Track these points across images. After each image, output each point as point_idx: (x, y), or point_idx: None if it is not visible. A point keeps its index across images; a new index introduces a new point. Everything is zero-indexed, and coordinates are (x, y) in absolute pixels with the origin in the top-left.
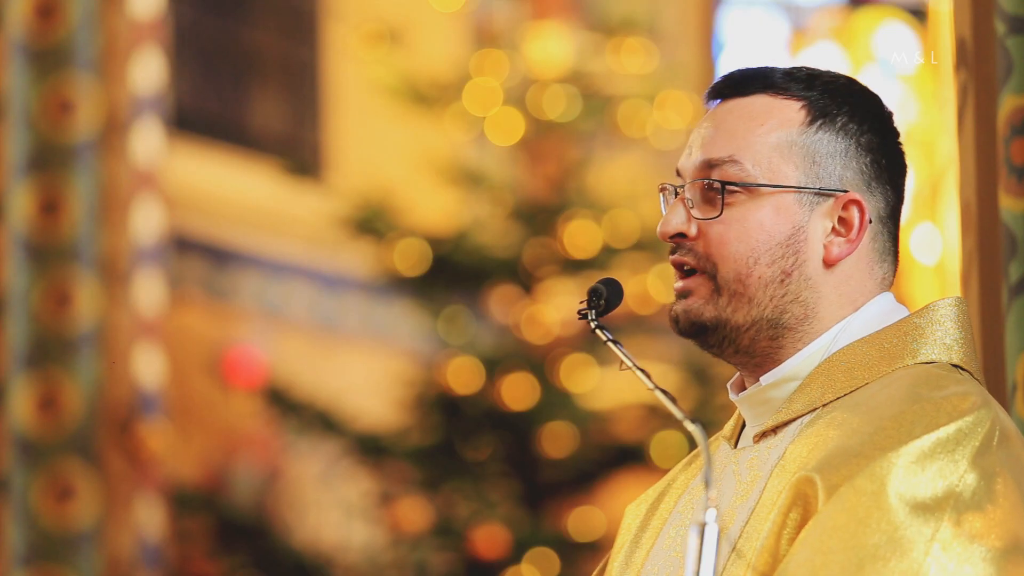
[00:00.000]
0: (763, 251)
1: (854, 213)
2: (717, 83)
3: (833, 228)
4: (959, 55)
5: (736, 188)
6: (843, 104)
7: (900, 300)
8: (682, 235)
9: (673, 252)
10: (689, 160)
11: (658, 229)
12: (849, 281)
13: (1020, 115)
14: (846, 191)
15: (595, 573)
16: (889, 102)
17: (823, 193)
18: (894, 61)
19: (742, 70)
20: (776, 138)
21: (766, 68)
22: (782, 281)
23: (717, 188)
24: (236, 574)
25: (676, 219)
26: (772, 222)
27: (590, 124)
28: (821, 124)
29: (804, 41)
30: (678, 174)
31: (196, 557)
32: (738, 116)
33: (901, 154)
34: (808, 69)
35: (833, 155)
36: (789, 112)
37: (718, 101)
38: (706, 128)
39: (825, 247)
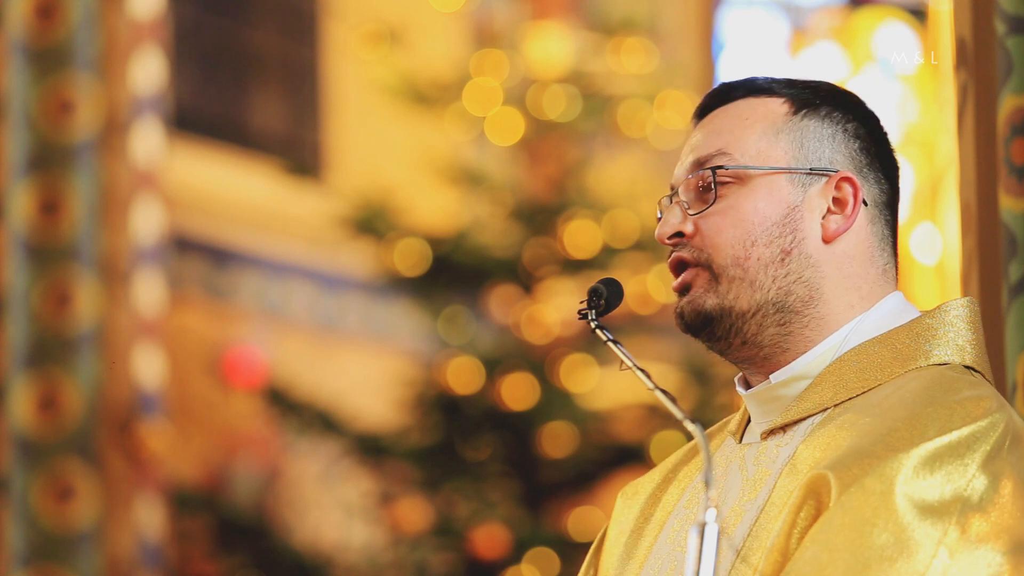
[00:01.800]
0: (759, 232)
1: (847, 191)
2: (704, 99)
3: (829, 209)
4: (959, 55)
5: (727, 175)
6: (825, 97)
7: None
8: (680, 234)
9: (671, 254)
10: (681, 167)
11: (656, 233)
12: (851, 262)
13: (1020, 115)
14: (837, 171)
15: (588, 557)
16: (876, 107)
17: (815, 173)
18: (894, 61)
19: (725, 82)
20: (762, 127)
21: (749, 76)
22: (782, 260)
23: (710, 182)
24: (236, 574)
25: (673, 219)
26: (766, 204)
27: (590, 124)
28: (806, 113)
29: (804, 41)
30: (672, 189)
31: (196, 557)
32: (723, 118)
33: (892, 152)
34: (790, 77)
35: (821, 139)
36: (772, 106)
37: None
38: (695, 137)
39: (822, 226)
